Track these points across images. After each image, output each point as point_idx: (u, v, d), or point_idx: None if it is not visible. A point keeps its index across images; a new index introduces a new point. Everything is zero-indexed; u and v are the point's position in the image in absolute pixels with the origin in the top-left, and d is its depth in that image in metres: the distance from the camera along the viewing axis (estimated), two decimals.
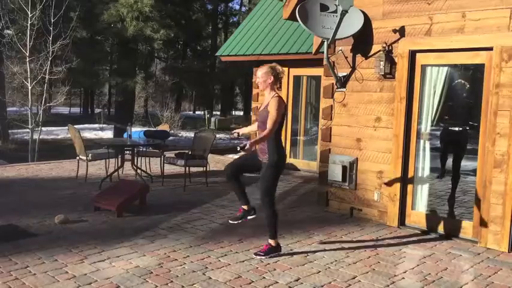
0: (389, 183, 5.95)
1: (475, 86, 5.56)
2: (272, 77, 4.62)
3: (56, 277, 4.00)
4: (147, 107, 36.21)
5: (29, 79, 15.22)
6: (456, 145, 5.95)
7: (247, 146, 4.26)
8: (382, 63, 5.89)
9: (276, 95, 4.60)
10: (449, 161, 5.98)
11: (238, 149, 4.32)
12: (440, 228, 5.64)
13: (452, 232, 5.54)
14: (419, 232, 5.71)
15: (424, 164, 5.94)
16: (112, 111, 34.74)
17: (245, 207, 4.86)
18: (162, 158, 8.32)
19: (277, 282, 4.07)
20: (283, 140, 9.70)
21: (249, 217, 4.89)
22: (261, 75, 4.65)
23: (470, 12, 5.33)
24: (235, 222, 4.95)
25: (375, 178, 6.13)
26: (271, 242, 4.71)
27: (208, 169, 8.05)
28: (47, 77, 15.42)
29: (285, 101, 9.96)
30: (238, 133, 5.14)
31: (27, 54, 15.10)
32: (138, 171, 8.17)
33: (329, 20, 6.05)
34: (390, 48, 5.92)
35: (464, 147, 5.86)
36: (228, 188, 6.18)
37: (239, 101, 49.61)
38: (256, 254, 4.72)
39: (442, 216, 5.75)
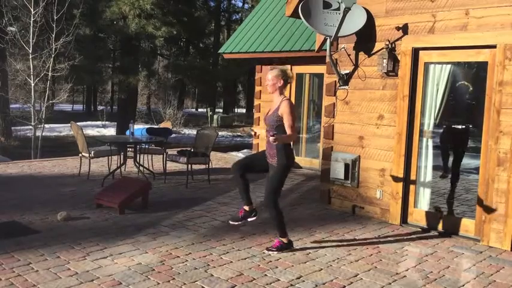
0: (392, 181, 5.94)
1: (478, 84, 5.54)
2: (282, 81, 4.65)
3: (58, 274, 4.01)
4: (149, 104, 36.24)
5: (32, 76, 15.22)
6: (458, 144, 5.93)
7: (274, 137, 4.30)
8: (385, 60, 5.88)
9: (286, 98, 4.64)
10: (451, 160, 5.97)
11: (272, 135, 4.33)
12: (443, 227, 5.64)
13: (454, 230, 5.53)
14: (421, 230, 5.70)
15: (426, 162, 5.93)
16: (115, 108, 34.79)
17: (247, 208, 4.83)
18: (165, 155, 8.32)
19: (278, 280, 4.07)
20: None
21: (249, 219, 4.87)
22: (271, 78, 4.65)
23: (473, 10, 5.31)
24: (236, 223, 4.96)
25: (377, 176, 6.12)
26: (283, 239, 4.76)
27: (210, 166, 8.05)
28: (49, 74, 15.42)
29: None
30: (255, 132, 5.13)
31: (30, 51, 15.09)
32: (141, 168, 8.17)
33: (332, 17, 6.03)
34: (393, 45, 5.90)
35: (465, 145, 5.85)
36: (233, 185, 6.17)
37: (241, 99, 49.60)
38: (268, 249, 4.75)
39: (444, 215, 5.74)
